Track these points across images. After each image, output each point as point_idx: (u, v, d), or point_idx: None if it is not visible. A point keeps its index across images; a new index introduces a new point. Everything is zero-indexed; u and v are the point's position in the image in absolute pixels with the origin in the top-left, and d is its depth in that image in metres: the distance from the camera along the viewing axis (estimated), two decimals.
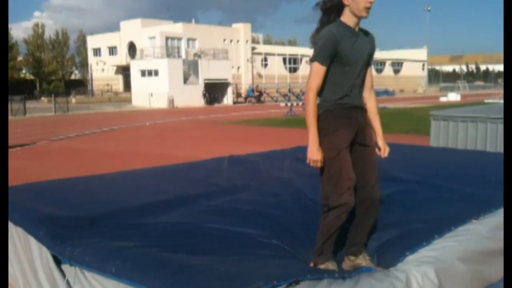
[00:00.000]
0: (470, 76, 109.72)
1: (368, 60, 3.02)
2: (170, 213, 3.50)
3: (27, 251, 3.32)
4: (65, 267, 2.86)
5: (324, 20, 2.96)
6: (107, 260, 2.55)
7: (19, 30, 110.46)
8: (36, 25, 68.80)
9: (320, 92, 2.91)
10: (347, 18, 2.87)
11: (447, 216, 3.40)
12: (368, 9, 2.82)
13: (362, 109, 3.05)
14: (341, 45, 2.80)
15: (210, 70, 44.33)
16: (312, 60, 2.86)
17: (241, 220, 3.40)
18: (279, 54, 62.02)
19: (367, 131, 3.05)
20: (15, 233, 3.49)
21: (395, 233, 3.19)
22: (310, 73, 2.88)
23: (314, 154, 2.83)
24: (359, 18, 2.86)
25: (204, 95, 42.81)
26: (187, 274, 2.30)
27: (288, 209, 3.73)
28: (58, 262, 2.94)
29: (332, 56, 2.81)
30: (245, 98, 49.60)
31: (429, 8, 76.39)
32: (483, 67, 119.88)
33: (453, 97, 45.55)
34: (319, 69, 2.84)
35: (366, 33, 3.00)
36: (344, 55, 2.82)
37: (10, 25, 62.00)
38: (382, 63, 76.61)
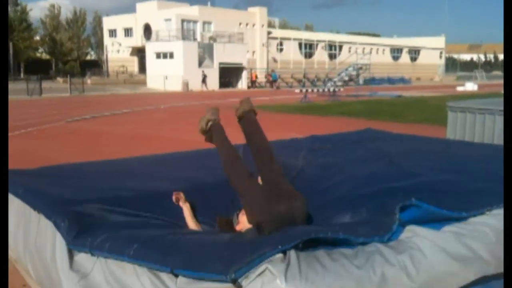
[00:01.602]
0: (488, 66, 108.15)
1: None
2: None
3: (40, 234, 3.36)
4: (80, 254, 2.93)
5: None
6: (125, 244, 2.67)
7: (36, 10, 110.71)
8: (52, 6, 69.02)
9: None
10: None
11: (460, 205, 3.38)
12: None
13: None
14: None
15: (225, 54, 44.21)
16: None
17: None
18: (294, 39, 61.62)
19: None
20: (33, 216, 3.54)
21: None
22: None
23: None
24: None
25: (203, 80, 41.60)
26: (199, 252, 2.44)
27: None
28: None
29: None
30: (272, 83, 48.76)
31: None
32: (501, 57, 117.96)
33: (470, 86, 44.96)
34: None
35: None
36: None
37: (29, 6, 62.26)
38: (399, 50, 75.75)
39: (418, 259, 2.65)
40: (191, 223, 3.39)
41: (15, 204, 3.75)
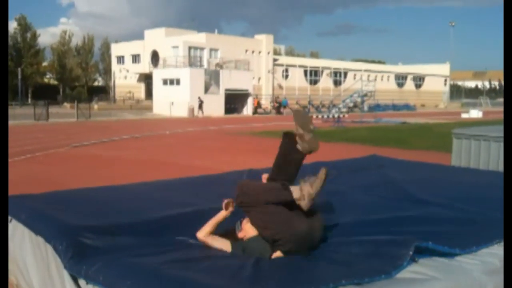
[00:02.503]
0: (493, 93, 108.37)
1: None
2: (189, 229, 3.52)
3: (44, 259, 3.35)
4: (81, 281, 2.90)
5: None
6: (119, 279, 2.58)
7: (45, 36, 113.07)
8: (64, 32, 70.34)
9: None
10: None
11: (469, 237, 3.37)
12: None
13: None
14: None
15: (231, 80, 44.58)
16: None
17: None
18: (300, 66, 62.19)
19: None
20: (35, 241, 3.53)
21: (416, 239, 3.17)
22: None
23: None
24: None
25: (200, 105, 40.90)
26: None
27: None
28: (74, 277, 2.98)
29: None
30: (278, 109, 48.80)
31: (453, 24, 75.86)
32: None
33: (475, 113, 44.97)
34: None
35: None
36: None
37: (38, 31, 63.40)
38: (403, 77, 76.13)
39: None
40: (211, 237, 3.38)
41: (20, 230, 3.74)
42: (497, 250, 3.24)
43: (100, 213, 3.86)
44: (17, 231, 3.75)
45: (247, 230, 3.28)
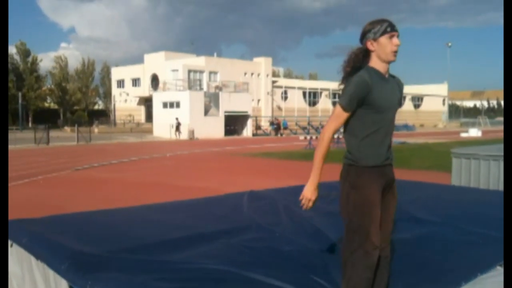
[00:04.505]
0: (491, 112, 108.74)
1: (398, 106, 2.98)
2: (191, 250, 3.51)
3: (46, 284, 3.35)
4: None
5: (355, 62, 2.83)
6: None
7: (46, 60, 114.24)
8: (59, 57, 70.89)
9: (353, 144, 2.84)
10: (374, 63, 2.78)
11: (472, 261, 3.36)
12: (395, 52, 2.76)
13: (392, 164, 2.95)
14: (373, 93, 2.71)
15: (230, 103, 44.83)
16: (339, 102, 2.74)
17: (259, 263, 3.37)
18: (299, 88, 62.62)
19: (393, 184, 2.96)
20: (35, 265, 3.53)
21: (421, 279, 3.14)
22: (332, 115, 2.80)
23: (310, 193, 2.84)
24: (388, 63, 2.79)
25: (177, 127, 40.56)
26: None
27: (307, 250, 3.71)
28: None
29: (360, 103, 2.72)
30: (276, 130, 48.95)
31: (450, 44, 76.58)
32: None
33: (474, 133, 45.11)
34: (342, 114, 2.74)
35: (393, 77, 2.93)
36: (376, 103, 2.74)
37: (39, 56, 64.08)
38: (402, 97, 76.49)
39: None
40: None
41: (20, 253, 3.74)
42: (500, 273, 3.24)
43: (101, 237, 3.86)
44: (18, 255, 3.75)
45: None
